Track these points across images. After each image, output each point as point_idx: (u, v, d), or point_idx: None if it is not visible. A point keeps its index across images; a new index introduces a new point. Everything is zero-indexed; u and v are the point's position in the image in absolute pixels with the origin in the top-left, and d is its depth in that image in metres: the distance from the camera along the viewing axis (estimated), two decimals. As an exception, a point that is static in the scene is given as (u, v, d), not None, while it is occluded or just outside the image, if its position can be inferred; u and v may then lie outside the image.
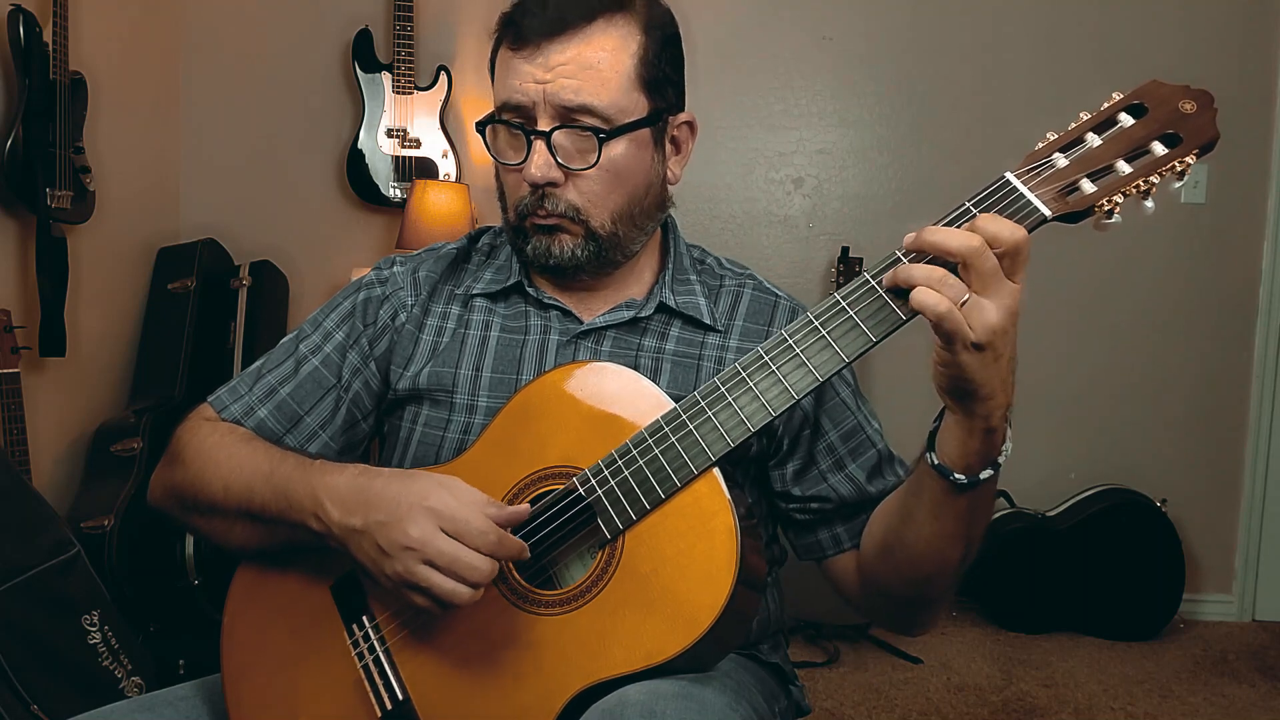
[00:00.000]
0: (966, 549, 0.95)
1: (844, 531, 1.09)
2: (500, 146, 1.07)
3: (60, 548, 1.84)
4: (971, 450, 0.87)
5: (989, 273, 0.79)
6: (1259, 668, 2.73)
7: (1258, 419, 3.10)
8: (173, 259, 2.84)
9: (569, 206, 1.04)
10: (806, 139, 3.13)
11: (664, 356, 1.09)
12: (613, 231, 1.06)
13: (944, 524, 0.92)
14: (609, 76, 1.01)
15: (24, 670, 1.70)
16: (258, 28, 3.07)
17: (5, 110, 2.22)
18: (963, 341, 0.80)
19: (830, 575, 1.12)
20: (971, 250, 0.79)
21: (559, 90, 1.00)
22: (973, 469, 0.88)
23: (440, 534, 0.87)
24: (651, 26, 1.05)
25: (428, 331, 1.12)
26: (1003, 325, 0.80)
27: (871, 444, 1.10)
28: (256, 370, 1.12)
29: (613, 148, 1.02)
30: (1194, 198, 3.02)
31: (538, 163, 1.02)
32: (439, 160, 2.96)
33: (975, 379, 0.82)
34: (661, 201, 1.12)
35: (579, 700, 0.88)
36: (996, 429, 0.86)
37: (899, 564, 0.99)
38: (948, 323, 0.80)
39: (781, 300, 1.15)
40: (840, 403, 1.10)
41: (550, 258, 1.06)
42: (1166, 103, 0.85)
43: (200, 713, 1.03)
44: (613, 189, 1.05)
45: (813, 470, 1.09)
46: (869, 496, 1.08)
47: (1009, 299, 0.80)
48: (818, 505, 1.09)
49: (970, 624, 2.94)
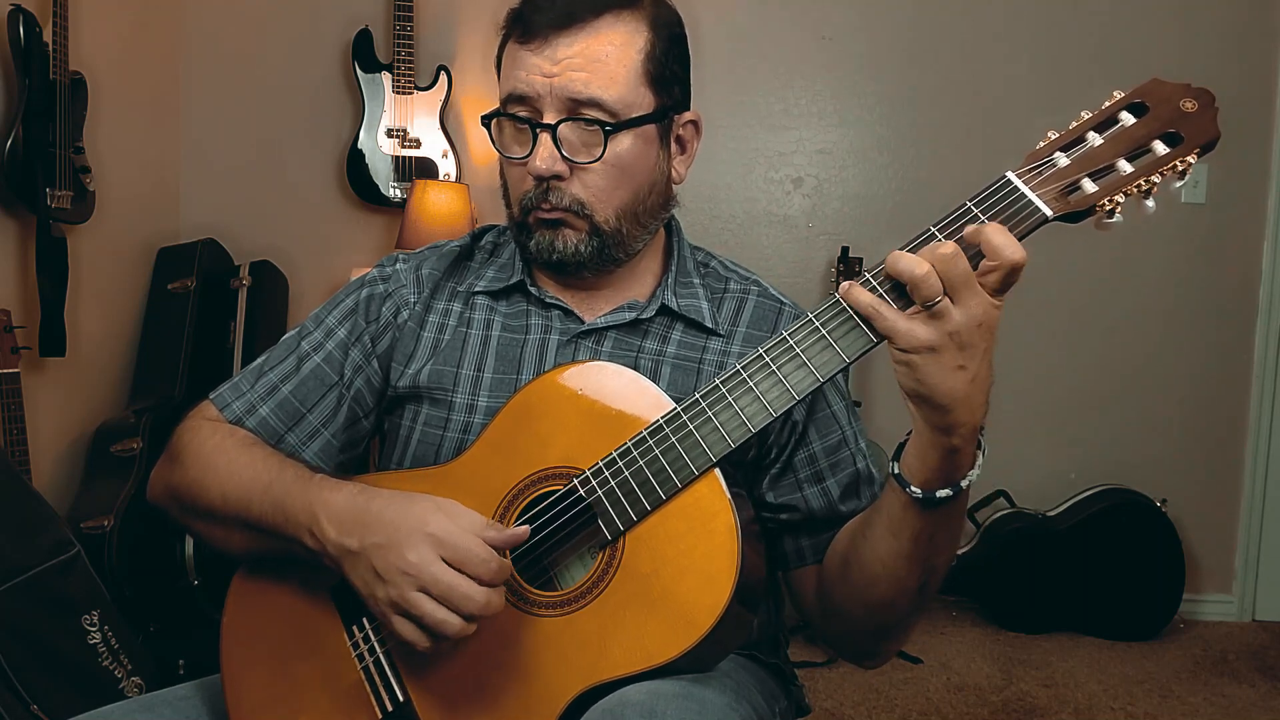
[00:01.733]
0: (926, 578, 0.94)
1: (808, 546, 1.08)
2: (505, 141, 1.06)
3: (60, 548, 1.84)
4: (931, 464, 0.86)
5: (958, 278, 0.80)
6: (1259, 668, 2.73)
7: (1258, 419, 3.10)
8: (173, 259, 2.84)
9: (574, 200, 1.04)
10: (806, 139, 3.13)
11: (664, 359, 1.08)
12: (616, 228, 1.06)
13: (901, 543, 0.91)
14: (616, 71, 1.01)
15: (24, 670, 1.70)
16: (258, 28, 3.07)
17: (5, 110, 2.22)
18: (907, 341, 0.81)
19: (789, 589, 1.11)
20: (941, 258, 0.80)
21: (567, 83, 1.00)
22: (930, 484, 0.87)
23: (439, 561, 0.86)
24: (659, 24, 1.05)
25: (429, 329, 1.12)
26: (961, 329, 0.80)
27: (853, 461, 1.09)
28: (258, 367, 1.11)
29: (618, 142, 1.02)
30: (1194, 198, 3.02)
31: (543, 155, 1.01)
32: (439, 160, 2.96)
33: (936, 385, 0.81)
34: (666, 200, 1.11)
35: (580, 701, 0.87)
36: (961, 450, 0.85)
37: (855, 583, 0.98)
38: (877, 322, 0.83)
39: (786, 307, 1.14)
40: (831, 415, 1.09)
41: (554, 253, 1.05)
42: (1168, 102, 0.85)
43: (200, 713, 1.03)
44: (618, 184, 1.04)
45: (789, 477, 1.08)
46: (839, 514, 1.06)
47: (977, 310, 0.80)
48: (786, 515, 1.08)
49: (970, 624, 2.94)
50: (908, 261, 0.81)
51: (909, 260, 0.81)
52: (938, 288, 0.80)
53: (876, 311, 0.83)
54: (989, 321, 0.81)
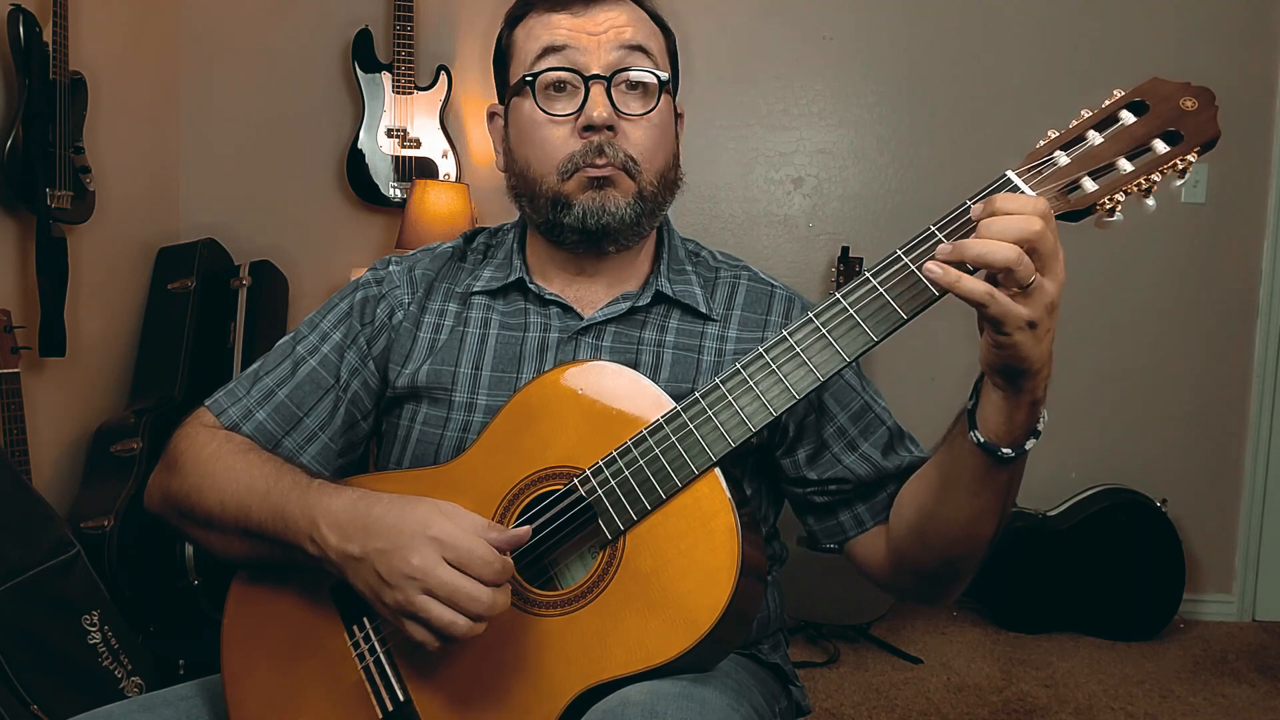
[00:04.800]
0: (1000, 522, 0.96)
1: (865, 510, 1.09)
2: (545, 97, 1.06)
3: (60, 548, 1.84)
4: (1018, 424, 0.87)
5: (1049, 251, 0.79)
6: (1259, 668, 2.73)
7: (1258, 419, 3.10)
8: (173, 259, 2.84)
9: (626, 156, 1.04)
10: (806, 139, 3.13)
11: (664, 348, 1.09)
12: (655, 193, 1.07)
13: (983, 500, 0.93)
14: (652, 34, 1.08)
15: (24, 670, 1.70)
16: (257, 28, 3.07)
17: (5, 110, 2.22)
18: (1015, 323, 0.80)
19: (854, 556, 1.12)
20: (1036, 235, 0.78)
21: (614, 37, 1.04)
22: (1018, 441, 0.89)
23: (443, 564, 0.85)
24: (659, 18, 1.11)
25: (425, 329, 1.12)
26: (1057, 300, 0.81)
27: (881, 421, 1.10)
28: (254, 373, 1.11)
29: (663, 100, 1.06)
30: (1194, 197, 3.02)
31: (600, 103, 1.03)
32: (439, 160, 2.96)
33: (1029, 356, 0.82)
34: (677, 178, 1.13)
35: (580, 701, 0.87)
36: (1040, 400, 0.87)
37: (932, 543, 0.99)
38: (993, 308, 0.79)
39: (778, 290, 1.15)
40: (845, 385, 1.10)
41: (604, 214, 1.05)
42: (1168, 100, 0.85)
43: (200, 713, 1.03)
44: (659, 144, 1.07)
45: (825, 454, 1.08)
46: (887, 473, 1.08)
47: (1061, 272, 0.81)
48: (836, 487, 1.08)
49: (970, 624, 2.94)
50: (1001, 251, 0.78)
51: (1000, 249, 0.78)
52: (1031, 267, 0.79)
53: (992, 298, 0.79)
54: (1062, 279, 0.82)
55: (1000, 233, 0.79)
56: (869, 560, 1.10)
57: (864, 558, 1.10)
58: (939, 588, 1.06)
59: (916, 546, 1.02)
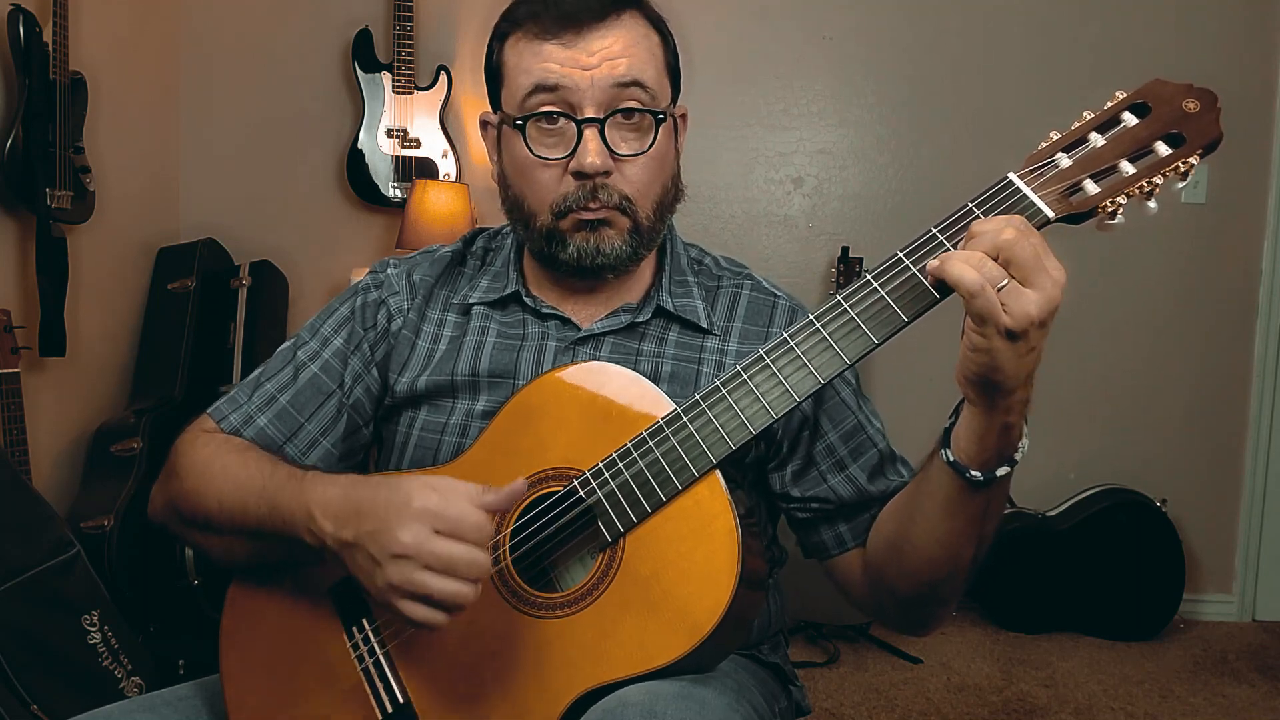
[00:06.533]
0: (978, 548, 0.94)
1: (847, 530, 1.08)
2: (535, 141, 1.02)
3: (60, 548, 1.84)
4: (989, 446, 0.86)
5: (1028, 259, 0.78)
6: (1259, 668, 2.73)
7: (1258, 419, 3.10)
8: (173, 259, 2.84)
9: (621, 197, 1.02)
10: (806, 139, 3.12)
11: (663, 360, 1.08)
12: (651, 225, 1.05)
13: (957, 523, 0.91)
14: (648, 57, 1.03)
15: (24, 670, 1.70)
16: (257, 28, 3.07)
17: (5, 110, 2.22)
18: (996, 326, 0.78)
19: (834, 575, 1.11)
20: (1006, 242, 0.78)
21: (608, 71, 0.99)
22: (989, 466, 0.87)
23: (434, 536, 0.84)
24: (656, 19, 1.07)
25: (424, 338, 1.11)
26: (1040, 316, 0.79)
27: (873, 444, 1.08)
28: (255, 379, 1.11)
29: (660, 133, 1.03)
30: (1194, 198, 3.02)
31: (594, 150, 1.00)
32: (439, 160, 2.95)
33: (1005, 369, 0.80)
34: (677, 196, 1.11)
35: (580, 703, 0.87)
36: (1015, 425, 0.85)
37: (908, 564, 0.97)
38: (980, 300, 0.78)
39: (780, 300, 1.14)
40: (840, 402, 1.09)
41: (599, 256, 1.03)
42: (1170, 102, 0.85)
43: (200, 713, 1.02)
44: (655, 177, 1.05)
45: (812, 471, 1.08)
46: (871, 496, 1.06)
47: (1052, 289, 0.79)
48: (818, 505, 1.08)
49: (970, 624, 2.94)
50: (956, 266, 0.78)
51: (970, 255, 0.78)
52: (998, 267, 0.78)
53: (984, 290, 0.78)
54: (1060, 297, 0.80)
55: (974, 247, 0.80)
56: (849, 580, 1.09)
57: (845, 577, 1.09)
58: (919, 612, 1.04)
59: (893, 567, 1.00)
